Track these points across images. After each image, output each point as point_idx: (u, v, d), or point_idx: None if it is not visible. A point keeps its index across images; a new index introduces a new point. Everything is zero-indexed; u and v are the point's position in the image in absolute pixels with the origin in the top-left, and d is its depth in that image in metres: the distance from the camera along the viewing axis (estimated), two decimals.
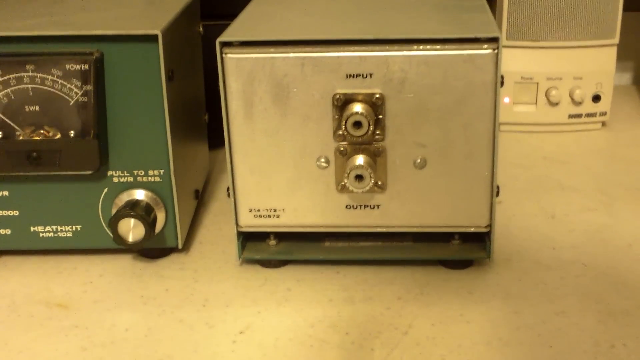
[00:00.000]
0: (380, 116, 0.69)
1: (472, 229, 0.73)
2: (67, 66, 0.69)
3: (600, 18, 1.03)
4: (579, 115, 1.08)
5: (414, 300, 0.70)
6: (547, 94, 1.07)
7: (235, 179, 0.72)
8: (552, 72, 1.06)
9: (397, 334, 0.66)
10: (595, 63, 1.06)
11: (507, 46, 1.04)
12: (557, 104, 1.07)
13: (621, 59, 1.10)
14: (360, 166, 0.69)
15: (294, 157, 0.71)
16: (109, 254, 0.79)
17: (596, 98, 1.07)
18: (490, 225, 0.72)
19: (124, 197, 0.74)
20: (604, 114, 1.08)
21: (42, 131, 0.71)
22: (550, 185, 0.92)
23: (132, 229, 0.72)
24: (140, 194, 0.74)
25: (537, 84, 1.07)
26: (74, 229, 0.76)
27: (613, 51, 1.06)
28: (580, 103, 1.07)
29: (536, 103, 1.08)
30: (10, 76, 0.70)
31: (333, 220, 0.73)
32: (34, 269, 0.77)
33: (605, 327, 0.66)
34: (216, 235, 0.83)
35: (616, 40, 1.05)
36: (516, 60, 1.05)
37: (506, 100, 1.07)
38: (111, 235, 0.73)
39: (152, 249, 0.78)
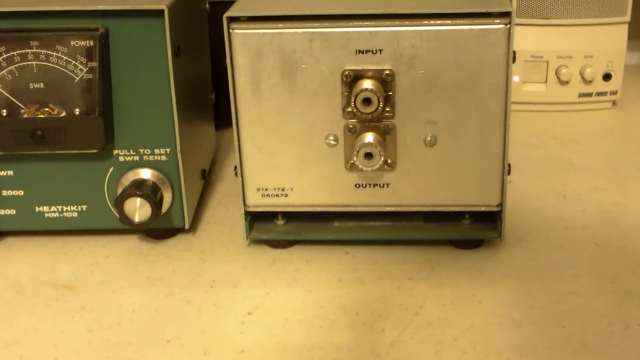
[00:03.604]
0: (390, 93, 0.68)
1: (483, 208, 0.72)
2: (72, 42, 0.68)
3: None
4: (590, 94, 1.07)
5: (425, 281, 0.70)
6: (557, 73, 1.05)
7: (242, 158, 0.71)
8: (563, 50, 1.05)
9: (408, 314, 0.65)
10: (606, 41, 1.05)
11: (517, 24, 1.02)
12: (567, 82, 1.06)
13: (632, 38, 1.08)
14: (369, 144, 0.68)
15: (303, 135, 0.70)
16: (115, 234, 0.78)
17: (607, 77, 1.06)
18: (501, 204, 0.71)
19: (130, 177, 0.73)
20: (614, 92, 1.07)
21: (46, 109, 0.70)
22: (561, 165, 0.91)
23: (138, 209, 0.71)
24: (146, 173, 0.73)
25: (547, 62, 1.05)
26: (79, 209, 0.75)
27: (624, 29, 1.05)
28: (590, 82, 1.06)
29: (546, 82, 1.06)
30: (14, 53, 0.69)
31: (342, 199, 0.72)
32: (40, 250, 0.76)
33: (619, 307, 0.65)
34: (223, 215, 0.82)
35: (627, 17, 1.04)
36: (526, 39, 1.04)
37: (516, 79, 1.06)
38: (117, 215, 0.72)
39: (159, 229, 0.77)
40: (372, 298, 0.67)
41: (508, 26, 0.65)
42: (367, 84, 0.67)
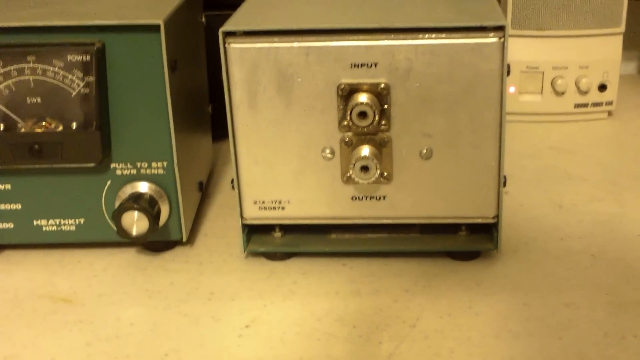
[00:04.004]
0: (386, 106, 0.68)
1: (479, 220, 0.72)
2: (69, 57, 0.69)
3: (606, 6, 1.02)
4: (585, 105, 1.07)
5: (422, 293, 0.70)
6: (552, 84, 1.06)
7: (239, 171, 0.72)
8: (558, 61, 1.05)
9: (404, 326, 0.65)
10: (601, 52, 1.05)
11: (512, 35, 1.02)
12: (563, 93, 1.06)
13: (627, 48, 1.09)
14: (365, 157, 0.68)
15: (299, 148, 0.70)
16: (113, 247, 0.78)
17: (602, 87, 1.06)
18: (497, 216, 0.72)
19: (128, 190, 0.74)
20: (610, 103, 1.08)
21: (44, 123, 0.70)
22: (557, 175, 0.92)
23: (135, 222, 0.72)
24: (143, 187, 0.74)
25: (543, 73, 1.06)
26: (77, 222, 0.75)
27: (619, 40, 1.05)
28: (586, 92, 1.06)
29: (542, 92, 1.07)
30: (12, 67, 0.69)
31: (339, 211, 0.72)
32: (37, 263, 0.76)
33: (615, 319, 0.65)
34: (221, 227, 0.82)
35: (622, 28, 1.04)
36: (521, 50, 1.04)
37: (512, 89, 1.06)
38: (115, 228, 0.72)
39: (157, 242, 0.77)
40: (369, 310, 0.68)
41: (502, 40, 0.65)
42: (363, 97, 0.67)
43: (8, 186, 0.74)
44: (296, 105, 0.68)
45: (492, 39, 0.65)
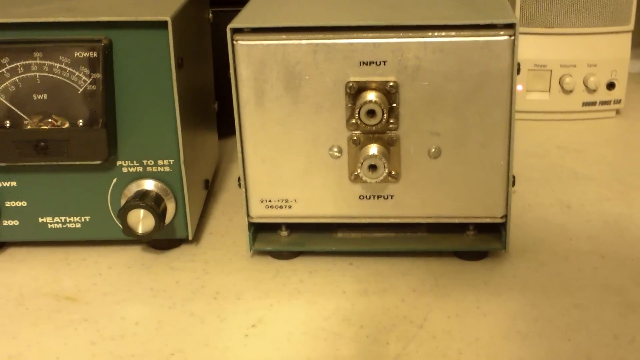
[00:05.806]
0: (394, 104, 0.67)
1: (488, 220, 0.72)
2: (75, 53, 0.68)
3: (614, 4, 1.02)
4: (593, 103, 1.07)
5: (429, 292, 0.69)
6: (560, 82, 1.05)
7: (246, 169, 0.71)
8: (566, 59, 1.04)
9: (412, 327, 0.65)
10: (610, 50, 1.04)
11: (520, 33, 1.01)
12: (571, 91, 1.06)
13: (636, 46, 1.08)
14: (373, 156, 0.68)
15: (306, 146, 0.69)
16: (118, 245, 0.78)
17: (610, 85, 1.06)
18: (505, 216, 0.71)
19: (133, 188, 0.73)
20: (618, 101, 1.07)
21: (50, 120, 0.70)
22: (565, 175, 0.91)
23: (141, 220, 0.71)
24: (149, 184, 0.73)
25: (551, 71, 1.05)
26: (82, 220, 0.75)
27: (628, 38, 1.04)
28: (594, 91, 1.06)
29: (550, 91, 1.06)
30: (18, 64, 0.68)
31: (346, 210, 0.72)
32: (42, 261, 0.76)
33: (624, 320, 0.65)
34: (227, 226, 0.82)
35: (631, 26, 1.04)
36: (529, 47, 1.03)
37: (519, 88, 1.06)
38: (120, 226, 0.72)
39: (162, 240, 0.77)
40: (376, 310, 0.67)
41: (512, 38, 0.65)
42: (371, 95, 0.66)
43: (13, 183, 0.74)
44: (304, 103, 0.68)
45: (502, 37, 0.65)
